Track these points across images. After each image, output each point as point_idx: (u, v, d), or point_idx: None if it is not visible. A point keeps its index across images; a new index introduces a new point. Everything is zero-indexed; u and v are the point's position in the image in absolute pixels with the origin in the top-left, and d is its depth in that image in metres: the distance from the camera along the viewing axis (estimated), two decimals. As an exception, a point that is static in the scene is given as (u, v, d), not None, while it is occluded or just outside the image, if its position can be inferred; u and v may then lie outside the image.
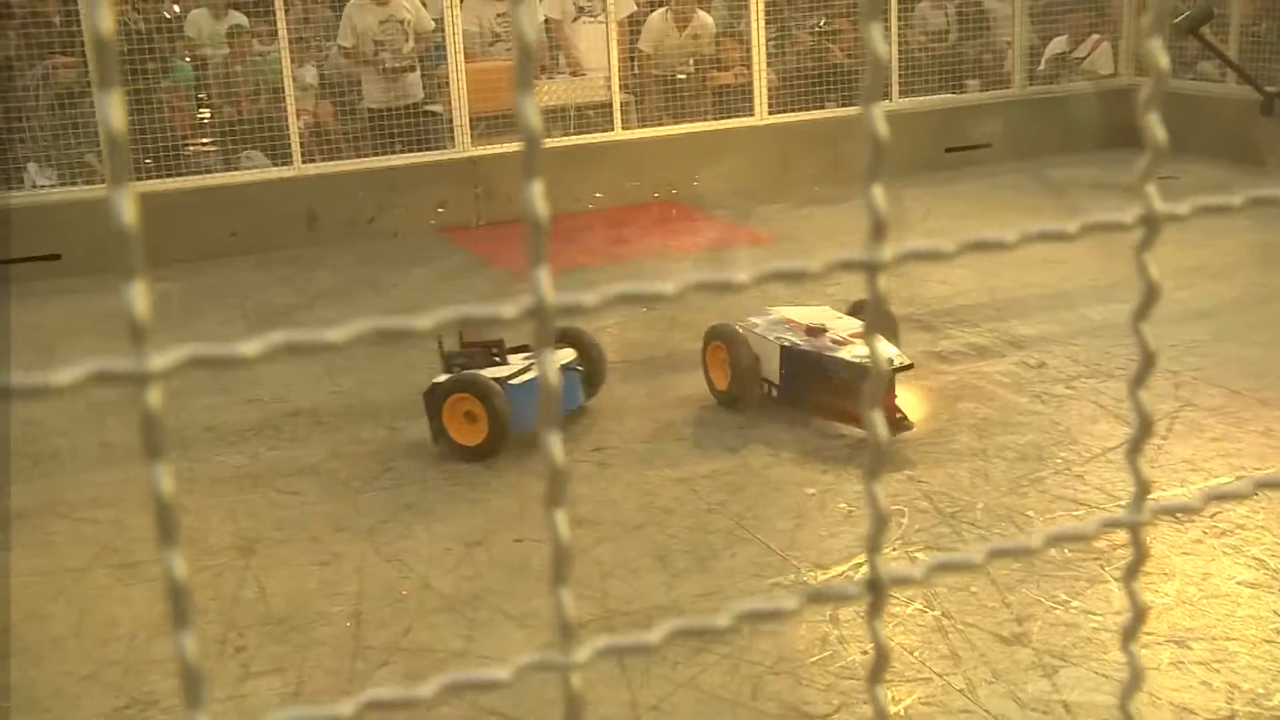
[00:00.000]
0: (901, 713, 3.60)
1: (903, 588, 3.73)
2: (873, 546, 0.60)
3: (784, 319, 5.99)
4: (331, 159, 10.16)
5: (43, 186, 9.64)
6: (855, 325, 5.81)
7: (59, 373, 0.53)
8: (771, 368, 5.89)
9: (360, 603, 4.42)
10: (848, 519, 4.82)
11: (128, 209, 0.52)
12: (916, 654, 3.88)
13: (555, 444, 0.58)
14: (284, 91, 9.90)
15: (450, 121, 10.32)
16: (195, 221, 9.55)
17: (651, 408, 6.14)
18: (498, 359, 5.87)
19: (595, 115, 10.78)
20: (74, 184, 9.61)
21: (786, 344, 5.83)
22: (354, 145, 10.21)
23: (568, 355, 5.98)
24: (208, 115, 10.37)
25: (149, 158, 9.60)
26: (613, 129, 10.72)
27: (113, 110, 0.51)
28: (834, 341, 5.71)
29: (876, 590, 0.59)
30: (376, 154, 10.18)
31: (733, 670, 3.87)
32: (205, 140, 10.22)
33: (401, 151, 10.21)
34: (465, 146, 10.31)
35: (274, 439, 5.99)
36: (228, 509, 5.22)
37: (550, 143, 10.44)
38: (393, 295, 8.37)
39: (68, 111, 9.66)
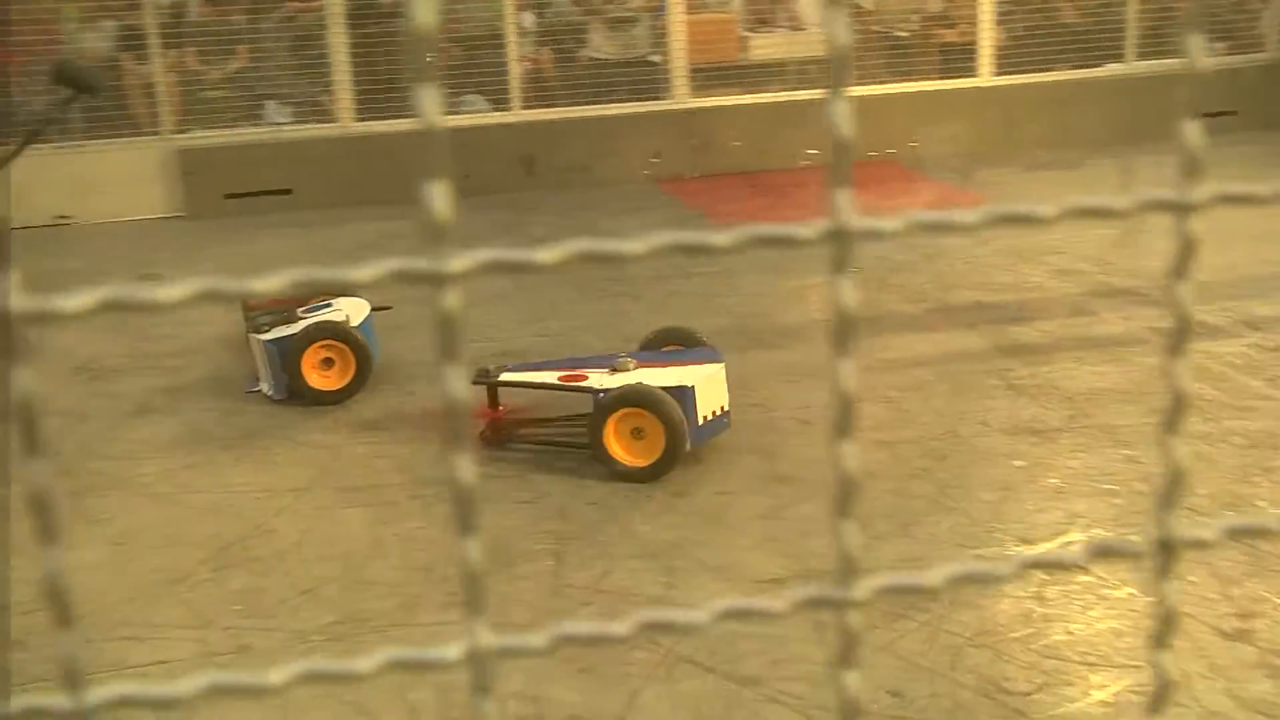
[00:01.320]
0: (1110, 699, 3.50)
1: (1196, 550, 3.62)
2: (1165, 503, 0.57)
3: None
4: (550, 106, 10.29)
5: (279, 124, 10.02)
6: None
7: (360, 270, 0.54)
8: None
9: (562, 543, 4.50)
10: (1058, 495, 4.69)
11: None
12: (1127, 639, 3.76)
13: (848, 373, 0.57)
14: (505, 37, 10.06)
15: (668, 72, 10.34)
16: (414, 163, 9.78)
17: (858, 369, 6.06)
18: (287, 318, 6.02)
19: (813, 70, 10.66)
20: (307, 122, 9.97)
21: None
22: (571, 93, 10.32)
23: (361, 304, 6.17)
24: (431, 58, 10.59)
25: (378, 99, 9.88)
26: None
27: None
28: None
29: (1167, 550, 0.57)
30: (594, 102, 10.27)
31: (931, 639, 3.82)
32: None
33: (619, 101, 10.28)
34: (683, 98, 10.32)
35: (485, 377, 6.12)
36: (437, 443, 5.36)
37: (766, 97, 10.38)
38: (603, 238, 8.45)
39: (304, 52, 10.02)
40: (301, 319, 5.96)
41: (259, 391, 5.95)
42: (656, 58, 10.51)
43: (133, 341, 6.82)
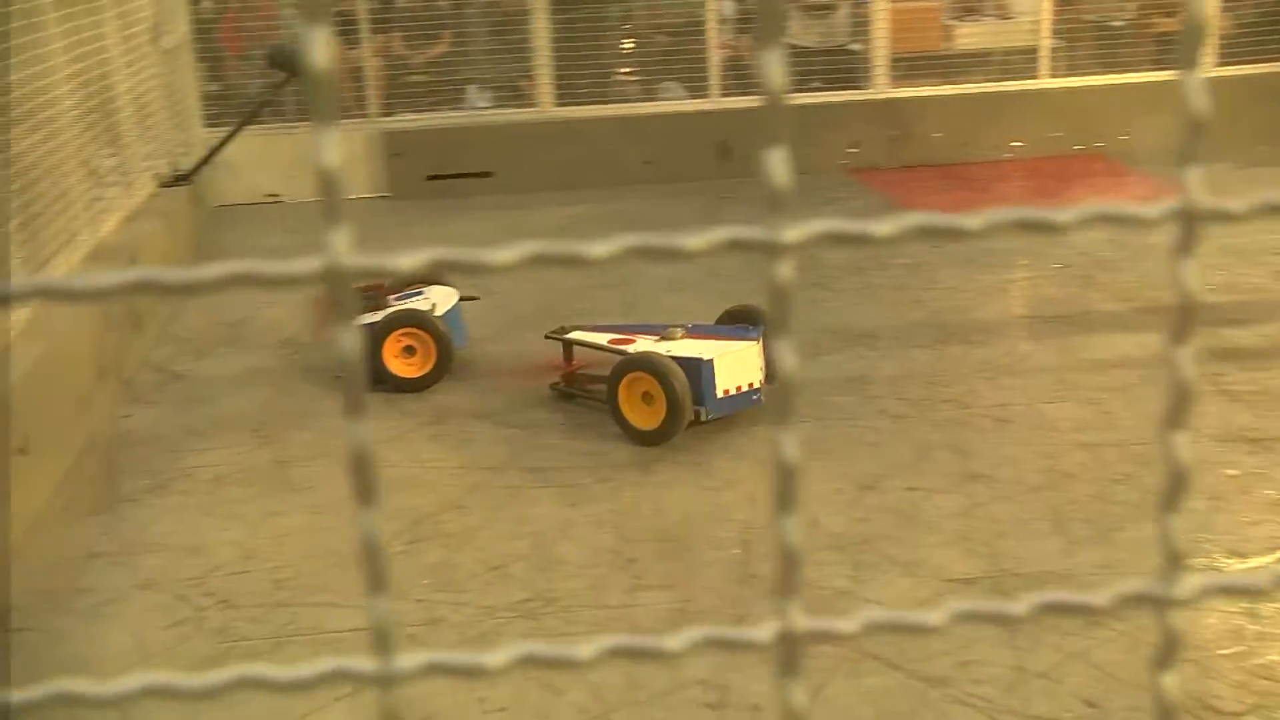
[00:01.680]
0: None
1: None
2: None
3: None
4: (747, 93, 10.24)
5: (480, 108, 10.21)
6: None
7: (693, 238, 0.53)
8: None
9: (750, 531, 4.48)
10: (1274, 507, 4.47)
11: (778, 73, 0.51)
12: (1343, 659, 3.56)
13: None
14: (705, 24, 10.04)
15: (869, 61, 10.19)
16: (613, 148, 9.87)
17: (1059, 368, 5.89)
18: (376, 304, 5.99)
19: (1020, 60, 10.38)
20: (508, 106, 10.13)
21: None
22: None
23: (450, 293, 6.19)
24: (631, 45, 10.66)
25: (580, 85, 9.99)
26: (1037, 76, 10.29)
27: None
28: None
29: None
30: (792, 90, 10.17)
31: (1130, 649, 3.68)
32: (626, 70, 10.52)
33: (817, 90, 10.18)
34: (883, 87, 10.16)
35: (677, 363, 6.13)
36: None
37: (970, 88, 10.14)
38: (799, 233, 8.38)
39: (506, 37, 10.18)
40: (389, 306, 6.02)
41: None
42: (857, 46, 10.37)
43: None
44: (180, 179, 8.43)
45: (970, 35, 10.37)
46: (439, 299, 6.15)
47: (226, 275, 0.51)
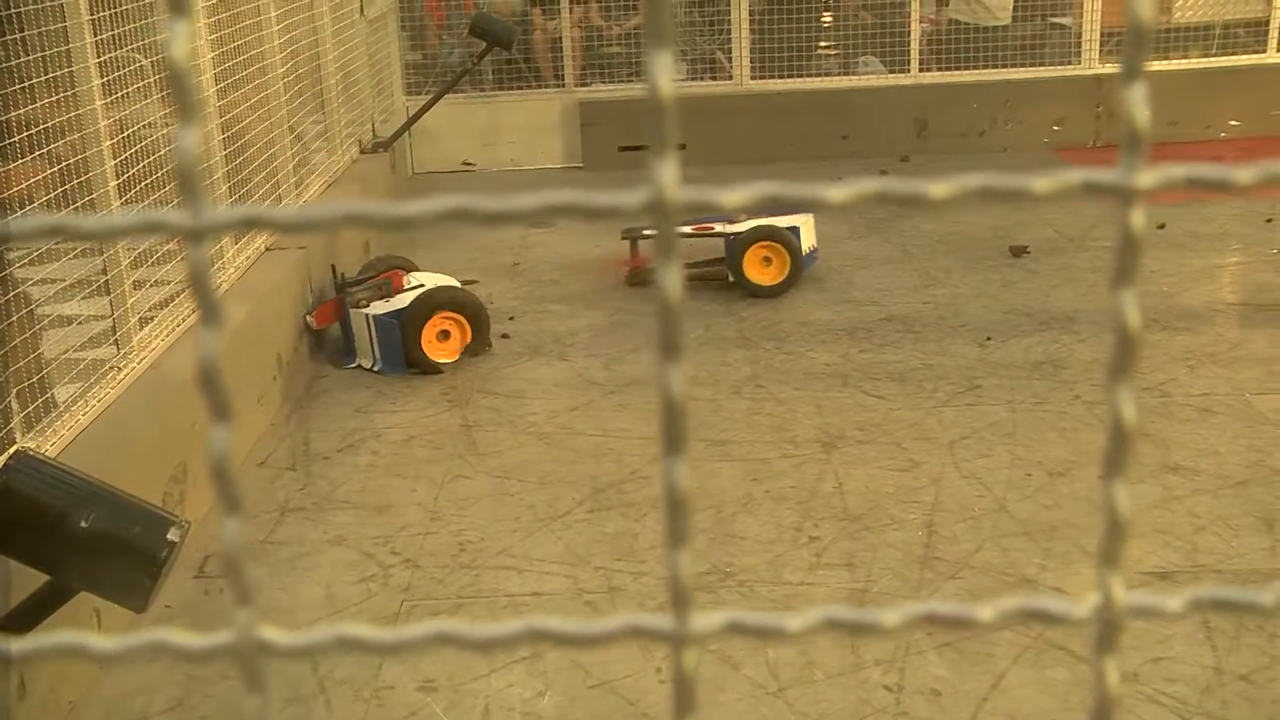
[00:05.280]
0: None
1: None
2: None
3: None
4: (947, 69, 10.01)
5: (676, 79, 10.20)
6: None
7: (1040, 180, 0.51)
8: None
9: (934, 513, 4.39)
10: None
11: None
12: None
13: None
14: (907, -2, 9.85)
15: (1079, 36, 9.84)
16: (810, 123, 9.76)
17: (1271, 358, 5.61)
18: (384, 293, 6.05)
19: (1245, 34, 9.89)
20: (702, 78, 10.11)
21: None
22: (971, 56, 9.99)
23: (445, 278, 6.27)
24: (830, 20, 10.50)
25: (782, 60, 9.90)
26: (1265, 50, 9.79)
27: None
28: None
29: None
30: (995, 66, 9.91)
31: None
32: (826, 45, 10.37)
33: (1021, 65, 9.88)
34: (1092, 63, 9.81)
35: (865, 342, 6.05)
36: (815, 403, 5.34)
37: (1184, 64, 9.72)
38: (995, 212, 8.15)
39: (704, 9, 10.15)
40: (406, 292, 6.05)
41: (357, 367, 5.97)
42: (1066, 20, 10.03)
43: (529, 286, 7.13)
44: (380, 146, 8.65)
45: (1190, 8, 9.93)
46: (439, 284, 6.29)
47: (552, 205, 0.51)
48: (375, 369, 5.91)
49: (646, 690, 3.46)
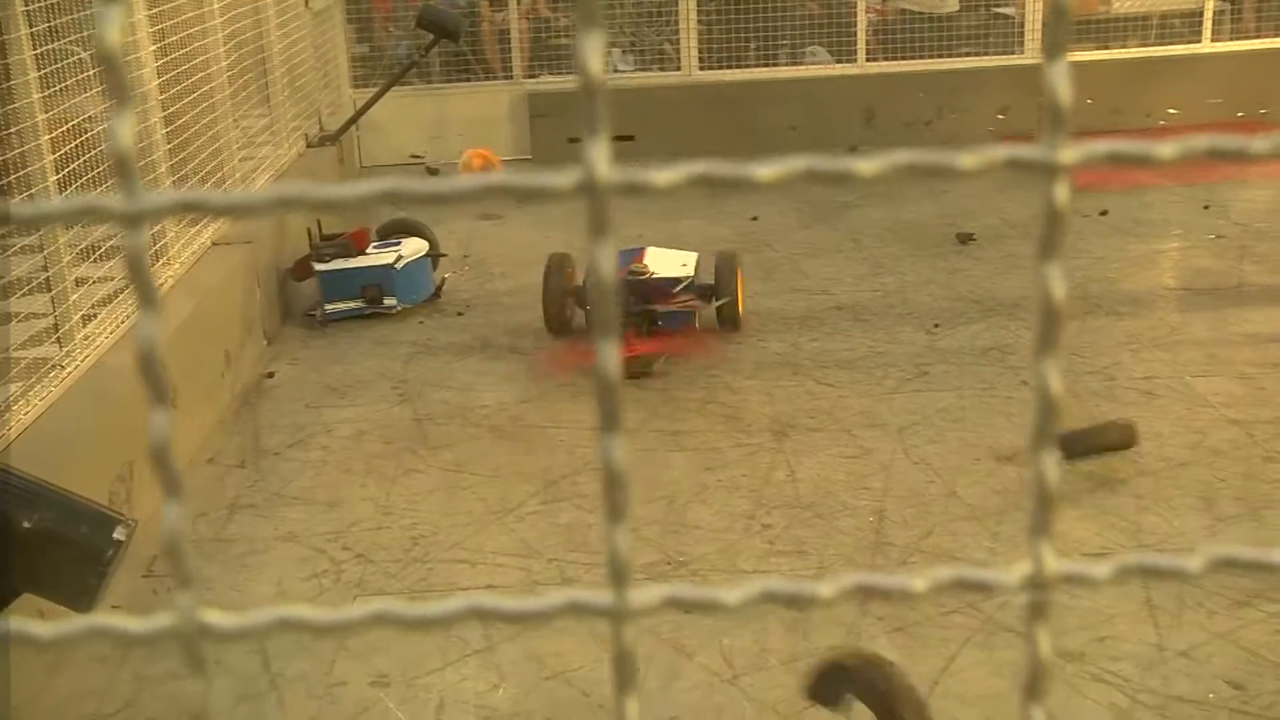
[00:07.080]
0: None
1: None
2: None
3: None
4: (893, 59, 10.06)
5: (623, 71, 10.21)
6: None
7: (966, 156, 0.51)
8: None
9: (884, 499, 4.42)
10: None
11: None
12: None
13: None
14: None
15: (1021, 25, 9.93)
16: (758, 113, 9.79)
17: (1210, 341, 5.69)
18: (346, 252, 6.47)
19: (1180, 25, 10.01)
20: (651, 70, 10.12)
21: None
22: (917, 46, 10.05)
23: (421, 246, 6.64)
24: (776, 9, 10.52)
25: (721, 48, 9.92)
26: (1200, 40, 9.92)
27: None
28: None
29: None
30: (941, 56, 9.98)
31: (1278, 630, 3.55)
32: (772, 35, 10.39)
33: (966, 54, 9.96)
34: (1035, 53, 9.89)
35: (815, 330, 6.08)
36: (766, 392, 5.36)
37: (1124, 53, 9.83)
38: (943, 200, 8.22)
39: (651, 1, 10.15)
40: (364, 254, 6.48)
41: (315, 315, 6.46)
42: (1009, 10, 10.11)
43: (479, 281, 7.12)
44: (327, 139, 8.59)
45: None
46: (407, 252, 6.56)
47: (484, 187, 0.51)
48: (320, 319, 6.45)
49: (600, 681, 3.47)
